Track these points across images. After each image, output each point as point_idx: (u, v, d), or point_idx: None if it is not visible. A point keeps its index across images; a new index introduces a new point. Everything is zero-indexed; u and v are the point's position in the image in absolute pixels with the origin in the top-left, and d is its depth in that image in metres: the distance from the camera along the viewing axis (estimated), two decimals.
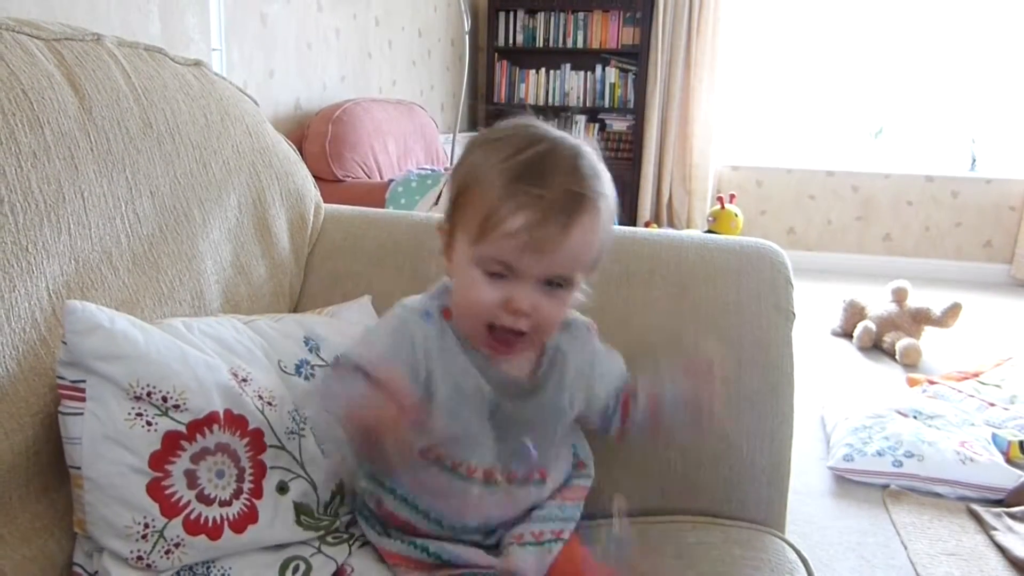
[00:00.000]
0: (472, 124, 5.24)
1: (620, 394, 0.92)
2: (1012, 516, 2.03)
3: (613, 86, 5.13)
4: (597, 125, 5.24)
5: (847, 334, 3.66)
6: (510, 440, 0.83)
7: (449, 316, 0.83)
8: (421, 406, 0.73)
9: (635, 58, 5.03)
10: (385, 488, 0.87)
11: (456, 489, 0.82)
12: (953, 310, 3.40)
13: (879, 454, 2.26)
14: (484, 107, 5.23)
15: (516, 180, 0.73)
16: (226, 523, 0.78)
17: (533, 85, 5.23)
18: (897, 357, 3.31)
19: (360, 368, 0.75)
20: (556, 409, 0.86)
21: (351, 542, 0.88)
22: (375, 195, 2.84)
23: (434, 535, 0.86)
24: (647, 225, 4.94)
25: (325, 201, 1.33)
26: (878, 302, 3.62)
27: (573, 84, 5.20)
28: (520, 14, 5.13)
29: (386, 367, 0.73)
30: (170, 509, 0.75)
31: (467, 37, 4.06)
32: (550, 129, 0.79)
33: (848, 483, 2.26)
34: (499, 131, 0.80)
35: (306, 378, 0.92)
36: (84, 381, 0.74)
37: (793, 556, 0.98)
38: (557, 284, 0.77)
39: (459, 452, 0.83)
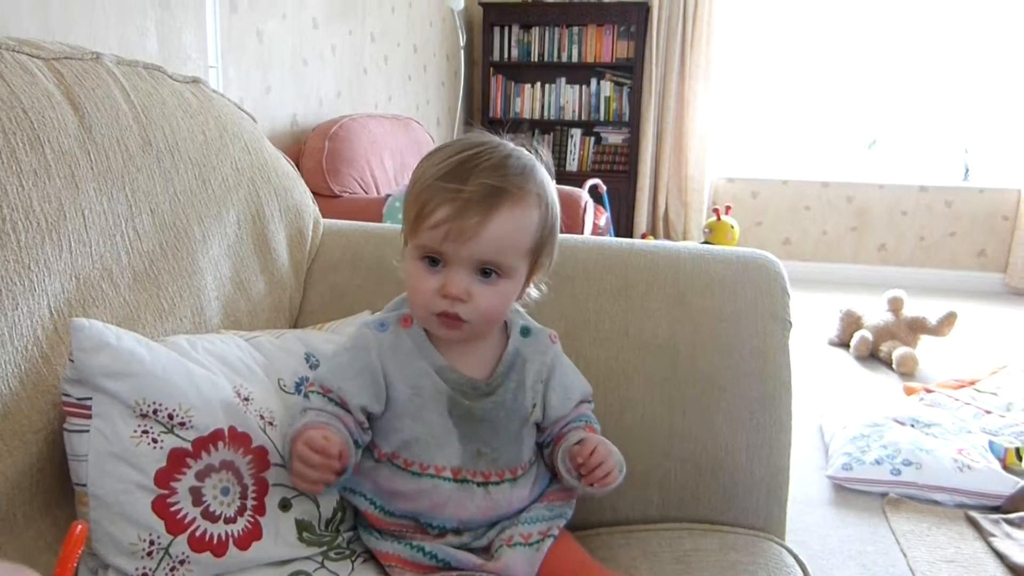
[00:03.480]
0: None
1: (577, 420, 0.93)
2: (1010, 522, 2.03)
3: (608, 99, 5.15)
4: (593, 138, 5.26)
5: (844, 344, 3.67)
6: (475, 440, 0.86)
7: (408, 323, 0.89)
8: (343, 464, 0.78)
9: (630, 71, 5.06)
10: (357, 493, 0.89)
11: (425, 489, 0.85)
12: (949, 319, 3.42)
13: (877, 463, 2.27)
14: (479, 121, 5.25)
15: (439, 179, 0.81)
16: (231, 540, 0.78)
17: (528, 99, 5.25)
18: (894, 366, 3.32)
19: (325, 389, 0.84)
20: (516, 409, 0.89)
21: (353, 558, 0.87)
22: (372, 210, 2.84)
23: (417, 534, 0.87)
24: (643, 237, 4.95)
25: (322, 217, 1.33)
26: (874, 312, 3.63)
27: (568, 98, 5.22)
28: (515, 29, 5.16)
29: (324, 434, 0.77)
30: (175, 526, 0.75)
31: (462, 52, 4.08)
32: (496, 139, 0.85)
33: (847, 492, 2.26)
34: (447, 143, 0.87)
35: (305, 396, 0.92)
36: (90, 399, 0.74)
37: (791, 560, 0.98)
38: (491, 272, 0.82)
39: (425, 453, 0.86)
